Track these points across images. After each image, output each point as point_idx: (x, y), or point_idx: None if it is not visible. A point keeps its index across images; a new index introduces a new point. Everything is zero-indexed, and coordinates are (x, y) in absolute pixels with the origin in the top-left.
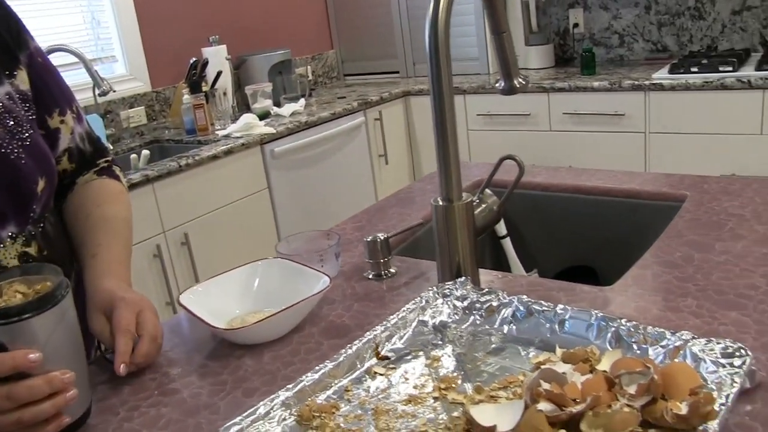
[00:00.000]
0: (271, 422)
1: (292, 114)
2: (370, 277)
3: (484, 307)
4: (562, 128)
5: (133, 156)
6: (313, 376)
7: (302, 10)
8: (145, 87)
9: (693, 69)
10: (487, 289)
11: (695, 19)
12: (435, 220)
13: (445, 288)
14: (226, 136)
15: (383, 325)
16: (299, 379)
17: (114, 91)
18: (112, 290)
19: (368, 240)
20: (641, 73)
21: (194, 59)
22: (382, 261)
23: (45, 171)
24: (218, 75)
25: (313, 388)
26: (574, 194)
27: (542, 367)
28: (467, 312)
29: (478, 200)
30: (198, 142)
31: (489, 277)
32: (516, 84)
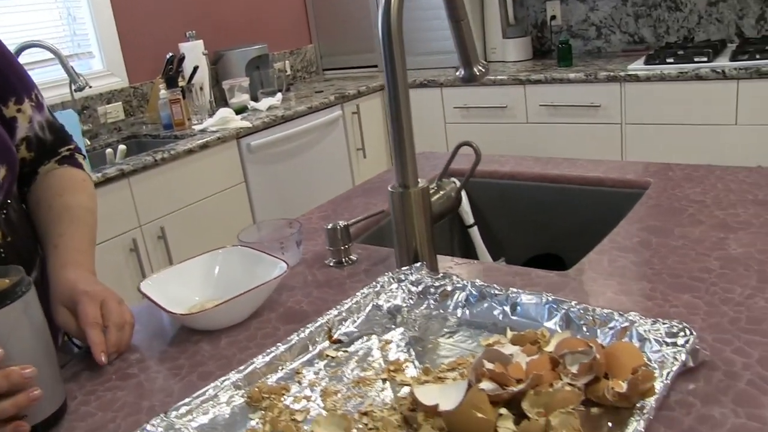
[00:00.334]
0: (220, 403)
1: (269, 108)
2: (331, 264)
3: (438, 292)
4: (538, 120)
5: (109, 151)
6: (264, 358)
7: (280, 6)
8: (123, 83)
9: (668, 60)
10: (441, 274)
11: (672, 10)
12: (392, 207)
13: (400, 273)
14: (202, 131)
15: (337, 309)
16: (250, 361)
17: (90, 87)
18: (74, 283)
19: (328, 228)
20: (617, 64)
21: (170, 54)
22: (342, 248)
23: (5, 159)
24: (195, 70)
25: (264, 370)
26: (541, 183)
27: (487, 347)
28: (421, 296)
29: (436, 187)
30: (175, 137)
31: (448, 263)
32: (476, 71)
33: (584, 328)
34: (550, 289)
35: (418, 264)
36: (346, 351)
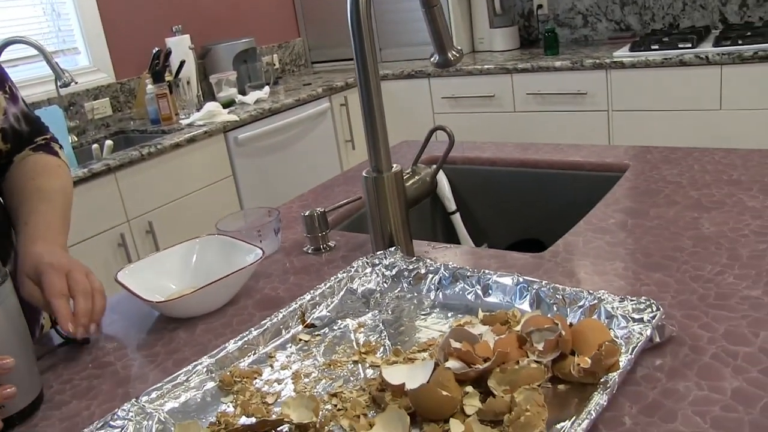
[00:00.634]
0: (191, 387)
1: (257, 101)
2: (309, 251)
3: (412, 275)
4: (526, 109)
5: (95, 146)
6: (237, 343)
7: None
8: (109, 78)
9: (653, 47)
10: (415, 258)
11: None
12: (366, 192)
13: (375, 257)
14: (189, 125)
15: (310, 294)
16: (223, 346)
17: (76, 83)
18: (40, 255)
19: (305, 215)
20: (604, 52)
21: (157, 49)
22: (320, 235)
23: None
24: (182, 64)
25: (237, 354)
26: (522, 168)
27: (454, 327)
28: (395, 280)
29: (411, 172)
30: (162, 132)
31: (423, 247)
32: (450, 57)
33: (554, 308)
34: (525, 270)
35: (393, 248)
36: (318, 335)
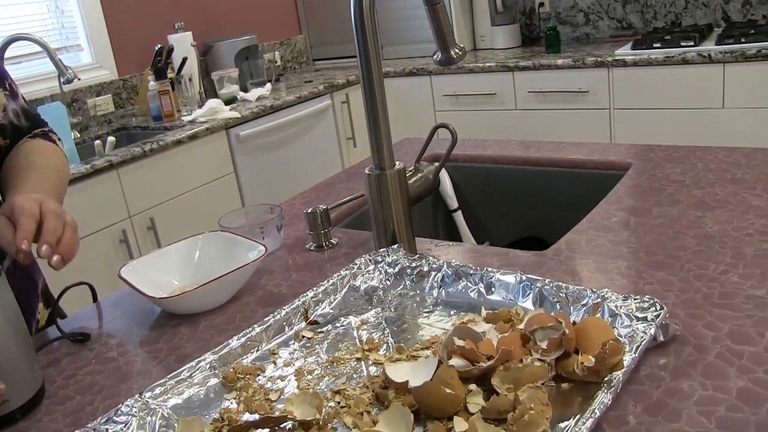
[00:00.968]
0: (195, 384)
1: (258, 99)
2: (311, 248)
3: (415, 273)
4: (527, 106)
5: (97, 142)
6: (240, 340)
7: None
8: (112, 75)
9: (655, 45)
10: (418, 255)
11: None
12: (368, 189)
13: (377, 255)
14: (191, 122)
15: (313, 291)
16: (226, 342)
17: (79, 80)
18: (17, 197)
19: (308, 212)
20: (605, 50)
21: (159, 46)
22: (322, 232)
23: None
24: (184, 61)
25: (240, 351)
26: (524, 166)
27: (457, 325)
28: (398, 277)
29: (413, 169)
30: (164, 128)
31: (426, 245)
32: (453, 54)
33: (558, 306)
34: (528, 268)
35: (396, 246)
36: (321, 331)
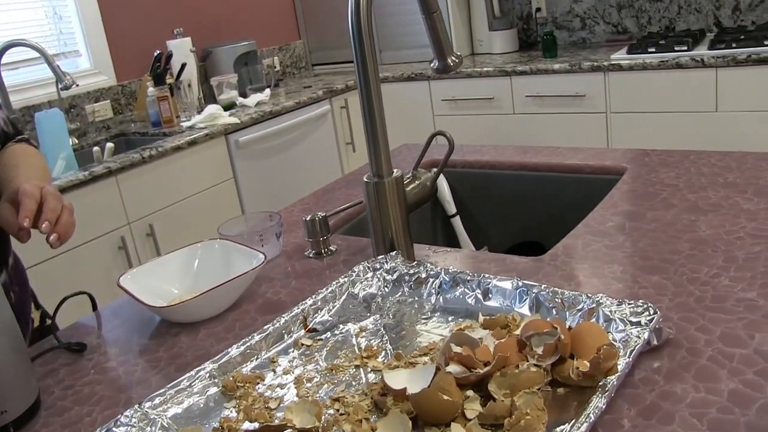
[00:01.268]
0: (195, 393)
1: (258, 104)
2: (310, 255)
3: (413, 279)
4: (525, 111)
5: (96, 149)
6: (239, 348)
7: (268, 2)
8: (111, 81)
9: (650, 49)
10: (416, 262)
11: (653, 1)
12: (366, 197)
13: (376, 262)
14: (190, 128)
15: (312, 299)
16: (225, 351)
17: (77, 86)
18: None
19: (307, 219)
20: (601, 54)
21: (158, 52)
22: (321, 239)
23: None
24: (183, 67)
25: (239, 359)
26: (521, 171)
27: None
28: (396, 284)
29: (411, 177)
30: (163, 134)
31: (424, 251)
32: (450, 62)
33: (554, 311)
34: (525, 274)
35: (394, 253)
36: (320, 339)
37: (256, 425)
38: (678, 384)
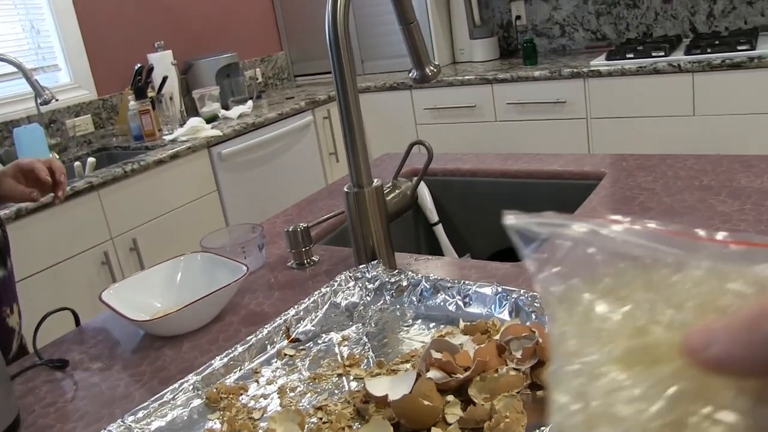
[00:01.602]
0: (178, 405)
1: (240, 116)
2: (293, 266)
3: (395, 288)
4: (507, 118)
5: (77, 164)
6: (222, 360)
7: (249, 13)
8: (91, 95)
9: (628, 55)
10: (397, 270)
11: (630, 7)
12: (347, 207)
13: (357, 271)
14: (172, 141)
15: (295, 309)
16: (209, 363)
17: (57, 100)
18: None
19: (288, 230)
20: (581, 61)
21: (139, 65)
22: (303, 250)
23: None
24: (164, 80)
25: (223, 371)
26: (501, 178)
27: (436, 337)
28: (378, 293)
29: (391, 186)
30: (145, 148)
31: (406, 259)
32: (428, 72)
33: (533, 316)
34: (506, 280)
35: (375, 261)
36: (303, 349)
37: None
38: None
